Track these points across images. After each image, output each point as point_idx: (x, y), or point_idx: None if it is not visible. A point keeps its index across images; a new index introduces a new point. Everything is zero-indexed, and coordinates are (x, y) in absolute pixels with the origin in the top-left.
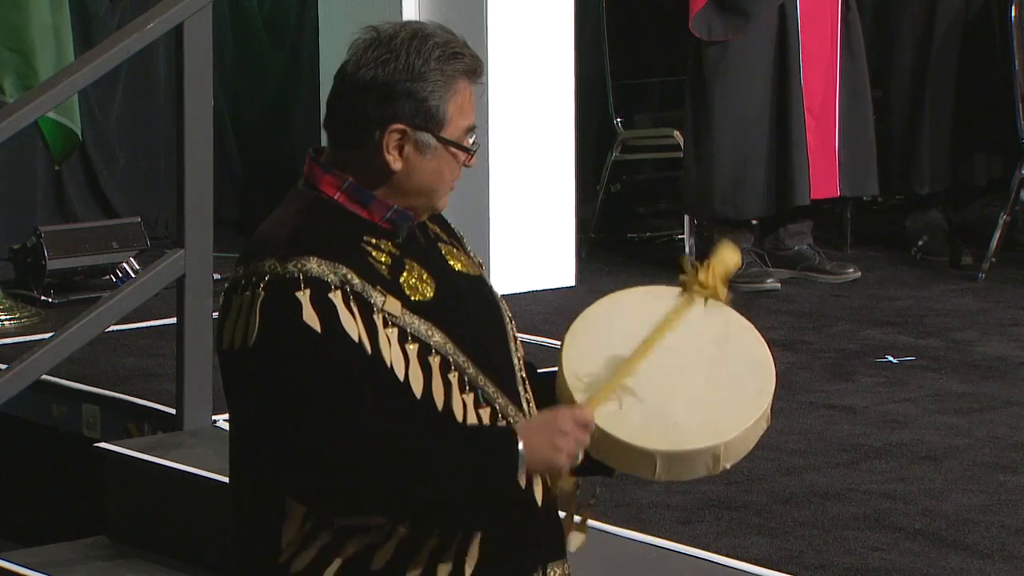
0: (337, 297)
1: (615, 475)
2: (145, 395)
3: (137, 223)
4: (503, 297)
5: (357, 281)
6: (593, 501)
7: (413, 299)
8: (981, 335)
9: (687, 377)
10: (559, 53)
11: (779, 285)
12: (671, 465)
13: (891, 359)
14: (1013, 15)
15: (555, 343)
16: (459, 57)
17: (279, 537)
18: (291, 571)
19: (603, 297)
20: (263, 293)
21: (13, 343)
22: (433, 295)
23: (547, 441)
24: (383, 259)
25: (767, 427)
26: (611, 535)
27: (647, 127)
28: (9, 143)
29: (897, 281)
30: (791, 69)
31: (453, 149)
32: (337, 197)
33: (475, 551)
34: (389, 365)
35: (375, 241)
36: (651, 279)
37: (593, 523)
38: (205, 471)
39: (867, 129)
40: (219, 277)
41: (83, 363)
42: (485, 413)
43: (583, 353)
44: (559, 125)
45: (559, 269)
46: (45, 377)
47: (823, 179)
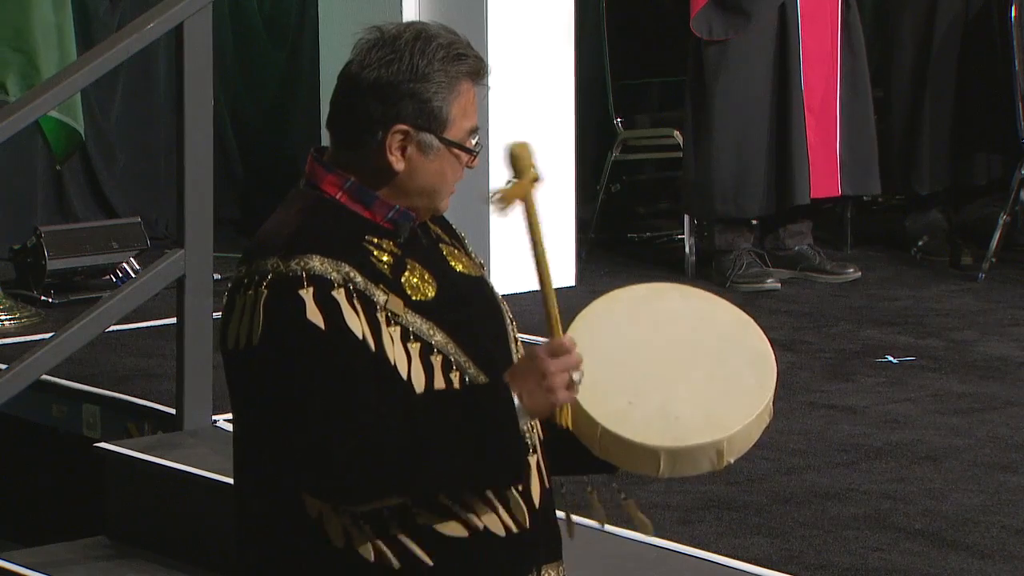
0: (340, 295)
1: (618, 472)
2: (145, 395)
3: (137, 223)
4: (504, 298)
5: (360, 279)
6: (624, 497)
7: (415, 299)
8: (981, 335)
9: (688, 373)
10: (559, 53)
11: (779, 285)
12: (675, 461)
13: (891, 359)
14: (1013, 15)
15: None
16: (463, 58)
17: (282, 536)
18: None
19: (602, 295)
20: (266, 292)
21: (13, 343)
22: (434, 295)
23: (538, 386)
24: (385, 259)
25: (770, 421)
26: (611, 535)
27: (647, 127)
28: (9, 143)
29: (897, 281)
30: (791, 68)
31: (456, 150)
32: (339, 197)
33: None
34: (392, 363)
35: (377, 241)
36: (651, 279)
37: (593, 523)
38: (205, 471)
39: (868, 128)
40: (219, 277)
41: (83, 363)
42: None
43: (582, 352)
44: (559, 125)
45: (559, 269)
46: (45, 377)
47: (824, 178)
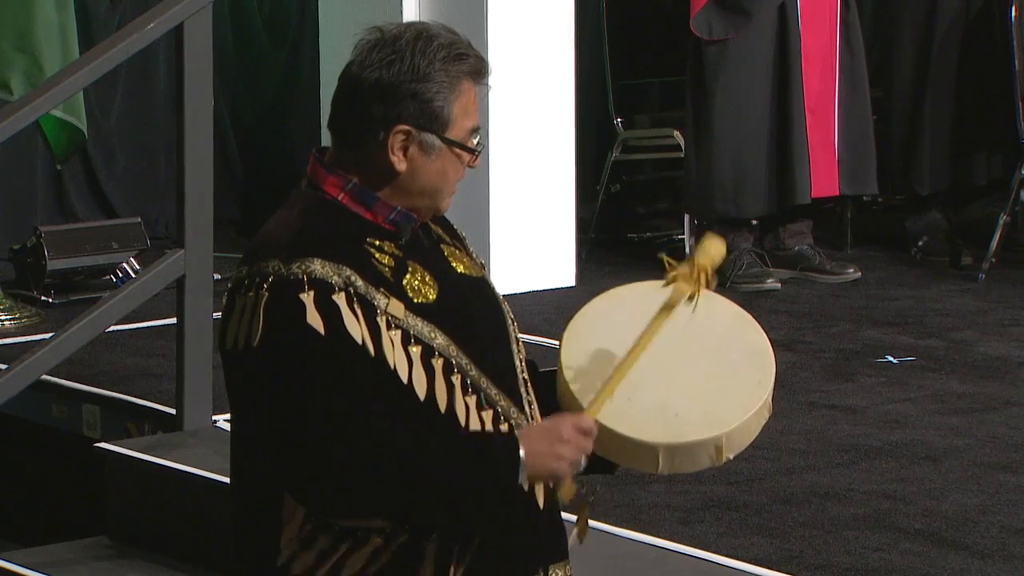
0: (341, 299)
1: (617, 472)
2: (145, 395)
3: (137, 223)
4: (504, 298)
5: (360, 283)
6: (592, 499)
7: (416, 301)
8: (981, 335)
9: (687, 369)
10: (559, 53)
11: (779, 285)
12: (674, 457)
13: (891, 359)
14: (1013, 15)
15: (555, 343)
16: (464, 58)
17: (279, 538)
18: (290, 573)
19: (601, 294)
20: (267, 294)
21: (13, 343)
22: (436, 298)
23: (548, 449)
24: (386, 261)
25: (769, 416)
26: (611, 535)
27: (647, 127)
28: (9, 143)
29: (897, 281)
30: (792, 68)
31: (457, 150)
32: (341, 198)
33: (470, 557)
34: (392, 367)
35: (378, 243)
36: (651, 279)
37: (593, 523)
38: (205, 471)
39: (866, 128)
40: (219, 277)
41: (83, 363)
42: (487, 415)
43: (582, 351)
44: (559, 125)
45: (559, 269)
46: (45, 377)
47: (823, 177)
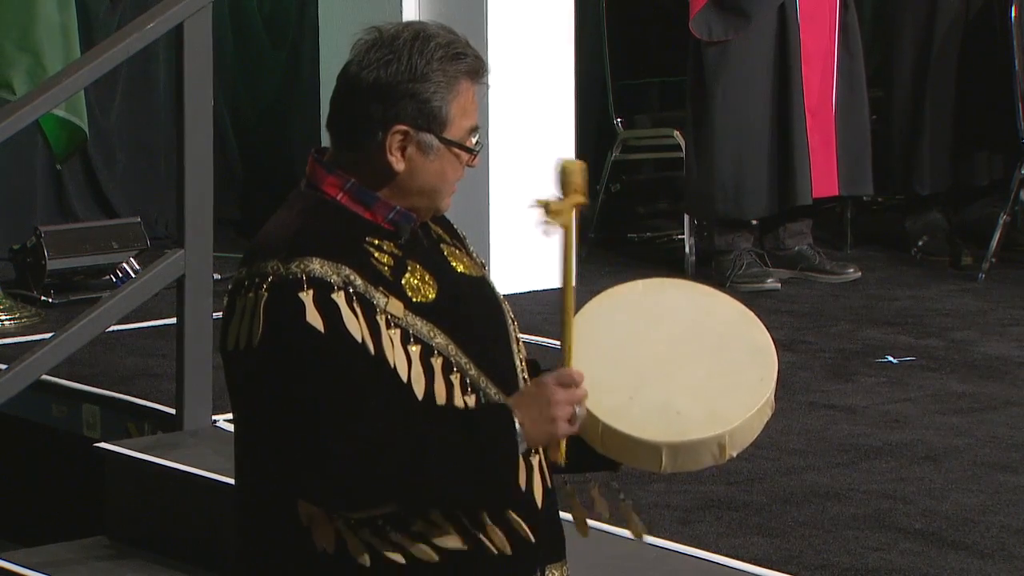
0: (340, 298)
1: (620, 470)
2: (145, 395)
3: (137, 223)
4: (504, 297)
5: (360, 282)
6: (623, 496)
7: (415, 301)
8: (981, 335)
9: (689, 367)
10: (559, 53)
11: (779, 285)
12: (677, 456)
13: (891, 359)
14: (1013, 15)
15: (555, 343)
16: (462, 58)
17: (283, 536)
18: (315, 548)
19: (600, 293)
20: (266, 294)
21: (13, 343)
22: (435, 297)
23: (541, 415)
24: (385, 260)
25: (772, 414)
26: (611, 535)
27: (647, 127)
28: (9, 143)
29: (897, 281)
30: (792, 69)
31: (456, 150)
32: (340, 198)
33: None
34: (392, 366)
35: (377, 242)
36: (650, 279)
37: (593, 523)
38: (205, 471)
39: (863, 130)
40: (219, 277)
41: (83, 363)
42: None
43: (581, 350)
44: (559, 125)
45: (559, 269)
46: (45, 377)
47: (823, 178)
